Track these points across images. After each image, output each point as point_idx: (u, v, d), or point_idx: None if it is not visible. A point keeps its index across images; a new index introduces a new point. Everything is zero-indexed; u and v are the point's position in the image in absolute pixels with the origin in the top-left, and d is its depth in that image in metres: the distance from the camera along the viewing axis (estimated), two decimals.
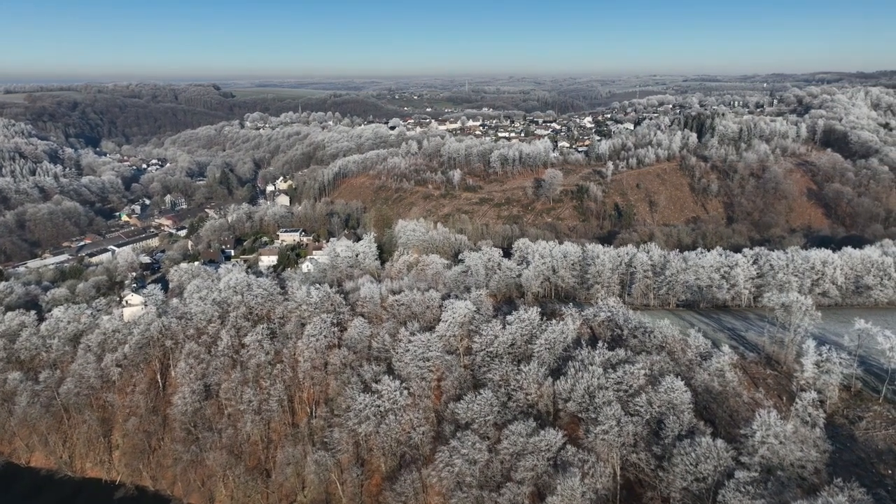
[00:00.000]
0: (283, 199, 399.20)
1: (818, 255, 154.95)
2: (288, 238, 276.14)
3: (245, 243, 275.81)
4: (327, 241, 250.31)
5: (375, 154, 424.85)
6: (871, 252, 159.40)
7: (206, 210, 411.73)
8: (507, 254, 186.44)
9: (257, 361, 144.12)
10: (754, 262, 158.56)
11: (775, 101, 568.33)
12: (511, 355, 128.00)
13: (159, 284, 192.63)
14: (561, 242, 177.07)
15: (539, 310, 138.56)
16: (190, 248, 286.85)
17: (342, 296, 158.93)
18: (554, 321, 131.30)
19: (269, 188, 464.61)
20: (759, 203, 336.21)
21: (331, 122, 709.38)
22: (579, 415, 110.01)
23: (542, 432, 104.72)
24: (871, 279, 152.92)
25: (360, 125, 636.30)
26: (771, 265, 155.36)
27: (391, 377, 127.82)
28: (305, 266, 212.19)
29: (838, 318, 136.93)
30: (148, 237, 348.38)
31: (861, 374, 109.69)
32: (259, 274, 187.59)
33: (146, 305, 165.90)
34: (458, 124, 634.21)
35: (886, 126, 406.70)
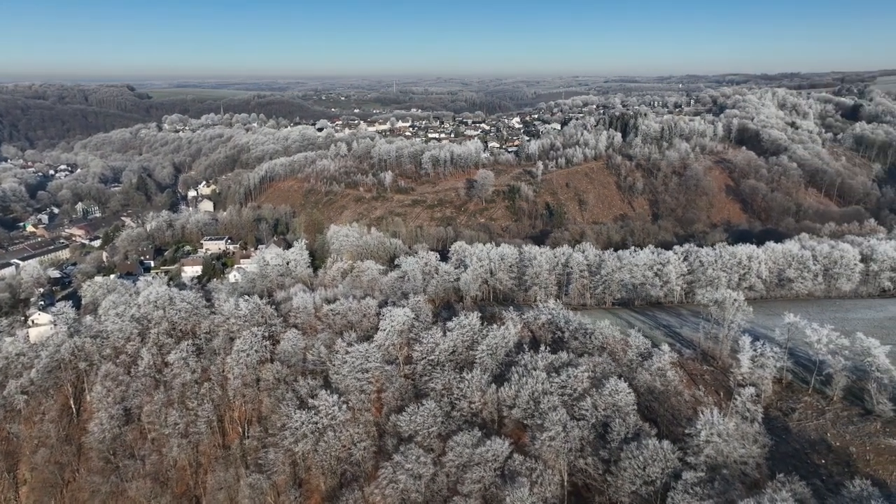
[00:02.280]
0: (207, 205, 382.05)
1: (744, 250, 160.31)
2: (213, 247, 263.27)
3: (166, 253, 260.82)
4: (255, 249, 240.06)
5: (303, 156, 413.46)
6: (792, 246, 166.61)
7: (123, 218, 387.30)
8: (444, 257, 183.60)
9: (182, 381, 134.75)
10: (685, 259, 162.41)
11: (692, 102, 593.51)
12: (453, 363, 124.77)
13: (70, 301, 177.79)
14: (497, 245, 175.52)
15: (479, 314, 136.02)
16: (105, 259, 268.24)
17: (273, 307, 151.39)
18: (495, 326, 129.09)
19: (192, 194, 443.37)
20: (682, 200, 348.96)
21: (255, 124, 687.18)
22: (525, 421, 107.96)
23: (489, 442, 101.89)
24: (793, 272, 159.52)
25: (286, 127, 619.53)
26: (700, 261, 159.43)
27: (328, 391, 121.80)
28: (233, 276, 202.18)
29: (765, 311, 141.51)
30: (57, 249, 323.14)
31: (791, 367, 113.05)
32: (182, 286, 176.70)
33: (55, 325, 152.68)
34: (388, 125, 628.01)
35: (793, 125, 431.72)
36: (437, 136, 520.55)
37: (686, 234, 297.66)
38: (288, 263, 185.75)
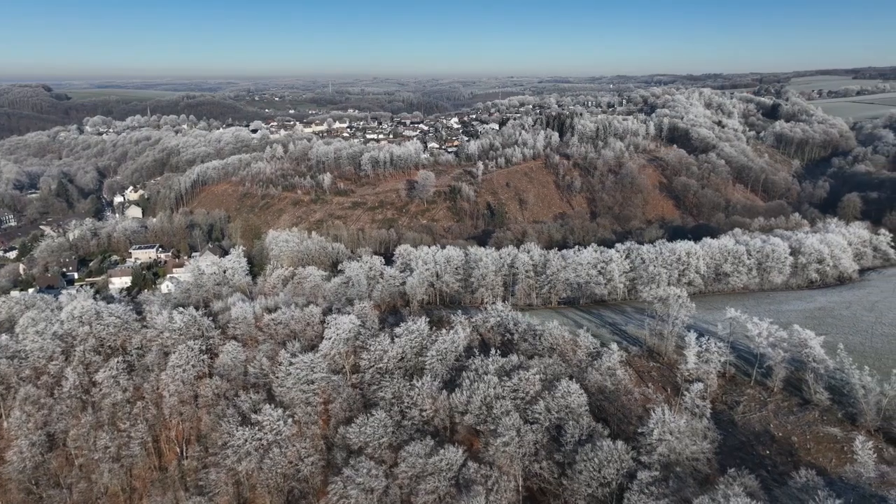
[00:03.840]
0: (135, 212, 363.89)
1: (683, 246, 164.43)
2: (143, 255, 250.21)
3: (91, 264, 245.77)
4: (189, 257, 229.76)
5: (238, 159, 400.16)
6: (727, 241, 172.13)
7: (42, 227, 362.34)
8: (388, 260, 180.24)
9: (113, 400, 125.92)
10: (627, 257, 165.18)
11: (624, 101, 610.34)
12: (402, 370, 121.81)
13: None
14: (443, 247, 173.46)
15: (427, 319, 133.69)
16: (22, 272, 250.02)
17: (210, 318, 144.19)
18: (444, 330, 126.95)
19: (118, 199, 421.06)
20: (619, 197, 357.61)
21: (185, 126, 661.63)
22: (477, 427, 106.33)
23: (442, 451, 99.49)
24: (729, 267, 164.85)
25: (218, 128, 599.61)
26: (642, 259, 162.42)
27: (272, 405, 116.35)
28: (165, 286, 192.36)
29: (704, 305, 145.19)
30: None
31: (734, 361, 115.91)
32: (110, 299, 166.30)
33: None
34: (325, 126, 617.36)
35: (720, 124, 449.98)
36: (375, 137, 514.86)
37: (624, 231, 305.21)
38: (225, 272, 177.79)
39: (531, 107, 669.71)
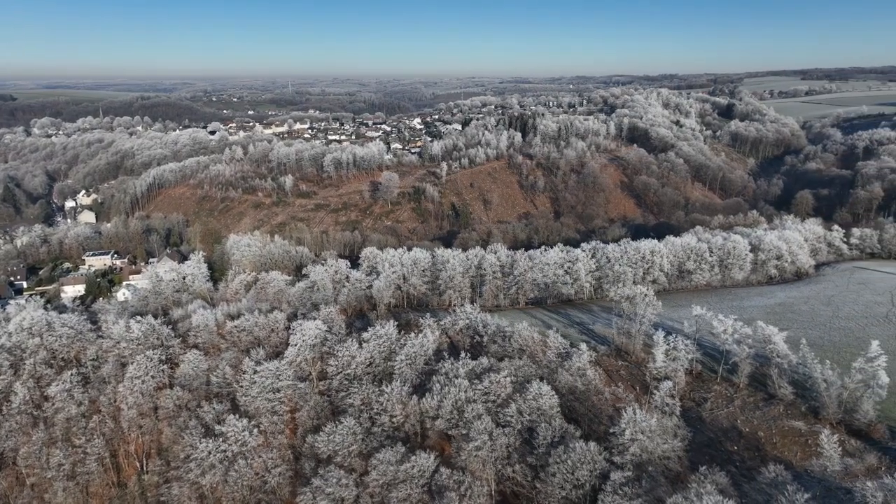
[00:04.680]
0: (88, 217, 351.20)
1: (647, 245, 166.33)
2: (97, 262, 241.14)
3: (41, 272, 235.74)
4: (146, 264, 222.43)
5: (195, 161, 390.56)
6: (689, 239, 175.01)
7: None
8: (354, 263, 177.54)
9: (67, 415, 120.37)
10: (593, 256, 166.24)
11: (585, 102, 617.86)
12: (371, 375, 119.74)
13: None
14: (409, 249, 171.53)
15: (395, 322, 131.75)
16: None
17: (170, 326, 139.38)
18: (412, 334, 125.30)
19: (70, 204, 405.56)
20: (581, 196, 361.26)
21: (140, 128, 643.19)
22: (449, 432, 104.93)
23: (413, 457, 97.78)
24: (692, 264, 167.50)
25: (174, 130, 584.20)
26: (608, 258, 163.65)
27: (237, 415, 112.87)
28: (122, 294, 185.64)
29: (669, 302, 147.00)
30: None
31: (700, 358, 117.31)
32: (62, 309, 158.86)
33: None
34: (285, 127, 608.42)
35: (678, 123, 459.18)
36: (337, 137, 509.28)
37: (587, 230, 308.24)
38: (184, 278, 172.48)
39: (493, 107, 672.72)
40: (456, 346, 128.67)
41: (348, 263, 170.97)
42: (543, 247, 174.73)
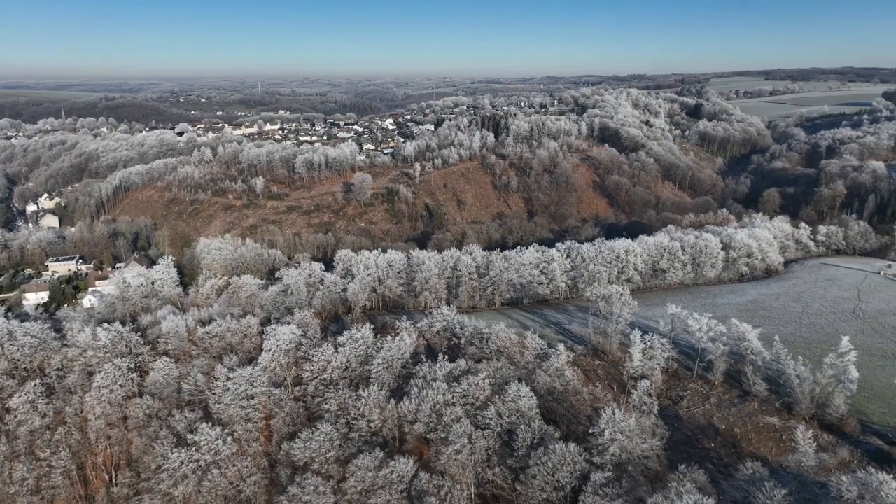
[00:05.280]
0: (51, 221, 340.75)
1: (621, 244, 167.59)
2: (61, 268, 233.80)
3: (2, 279, 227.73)
4: (113, 269, 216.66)
5: (163, 163, 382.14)
6: (662, 238, 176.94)
7: None
8: (328, 266, 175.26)
9: (30, 428, 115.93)
10: (568, 256, 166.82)
11: (556, 102, 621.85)
12: (347, 380, 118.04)
13: None
14: (384, 251, 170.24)
15: (371, 326, 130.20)
16: None
17: (139, 333, 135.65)
18: (389, 337, 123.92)
19: (31, 208, 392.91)
20: (554, 196, 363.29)
21: (105, 129, 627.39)
22: (427, 436, 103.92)
23: (392, 462, 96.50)
24: (665, 263, 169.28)
25: (141, 131, 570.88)
26: (582, 257, 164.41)
27: (210, 424, 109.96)
28: (88, 301, 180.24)
29: (643, 301, 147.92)
30: None
31: (676, 356, 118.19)
32: (24, 317, 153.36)
33: None
34: (256, 128, 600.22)
35: (648, 123, 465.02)
36: (309, 138, 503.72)
37: (561, 230, 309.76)
38: (153, 283, 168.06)
39: (465, 107, 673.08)
40: (433, 349, 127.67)
41: (322, 266, 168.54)
42: (519, 247, 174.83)
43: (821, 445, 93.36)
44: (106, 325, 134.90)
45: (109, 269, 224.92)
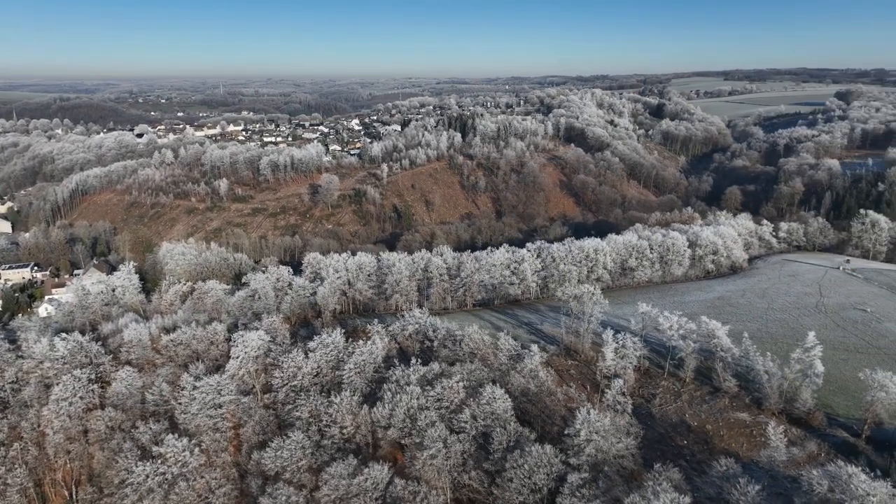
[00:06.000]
0: (3, 226, 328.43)
1: (591, 243, 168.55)
2: (14, 276, 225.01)
3: None
4: (71, 276, 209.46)
5: (122, 166, 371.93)
6: (631, 237, 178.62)
7: None
8: (296, 269, 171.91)
9: None
10: (538, 256, 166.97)
11: (522, 102, 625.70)
12: (318, 386, 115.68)
13: None
14: (353, 254, 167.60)
15: (341, 329, 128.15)
16: None
17: (99, 343, 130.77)
18: (360, 341, 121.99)
19: None
20: (522, 196, 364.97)
21: (59, 131, 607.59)
22: (402, 441, 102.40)
23: (366, 469, 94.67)
24: (634, 261, 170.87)
25: (98, 133, 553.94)
26: (553, 257, 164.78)
27: (176, 435, 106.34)
28: (44, 310, 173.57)
29: (613, 300, 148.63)
30: None
31: (647, 354, 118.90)
32: None
33: None
34: (218, 129, 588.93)
35: (612, 123, 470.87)
36: (273, 140, 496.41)
37: (529, 230, 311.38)
38: (114, 290, 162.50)
39: (432, 108, 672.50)
40: (406, 352, 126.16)
41: (290, 270, 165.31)
42: (489, 248, 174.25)
43: (790, 439, 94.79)
44: (64, 334, 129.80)
45: (67, 276, 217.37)
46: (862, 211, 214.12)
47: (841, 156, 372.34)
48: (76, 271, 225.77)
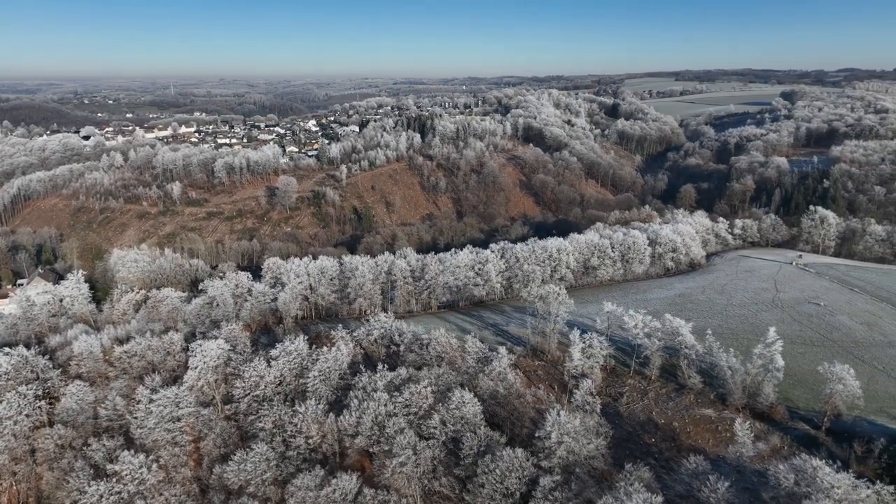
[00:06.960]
0: None
1: (554, 243, 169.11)
2: None
3: None
4: (14, 286, 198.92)
5: (68, 170, 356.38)
6: (592, 236, 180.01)
7: None
8: (255, 274, 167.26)
9: None
10: (502, 256, 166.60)
11: (480, 102, 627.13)
12: (282, 395, 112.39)
13: None
14: (314, 257, 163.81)
15: (304, 336, 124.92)
16: None
17: (47, 356, 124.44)
18: (325, 348, 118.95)
19: None
20: (483, 196, 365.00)
21: None
22: (370, 449, 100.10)
23: (334, 480, 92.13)
24: (596, 260, 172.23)
25: (41, 135, 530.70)
26: (517, 257, 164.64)
27: (132, 451, 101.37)
28: None
29: (576, 299, 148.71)
30: None
31: (613, 353, 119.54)
32: None
33: None
34: (170, 131, 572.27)
35: (569, 123, 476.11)
36: (228, 141, 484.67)
37: (490, 230, 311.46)
38: (62, 300, 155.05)
39: (390, 108, 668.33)
40: (371, 358, 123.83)
41: (249, 275, 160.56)
42: (452, 249, 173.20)
43: (756, 435, 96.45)
44: (7, 349, 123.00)
45: (9, 286, 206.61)
46: (811, 207, 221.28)
47: (788, 154, 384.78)
48: (19, 281, 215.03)
